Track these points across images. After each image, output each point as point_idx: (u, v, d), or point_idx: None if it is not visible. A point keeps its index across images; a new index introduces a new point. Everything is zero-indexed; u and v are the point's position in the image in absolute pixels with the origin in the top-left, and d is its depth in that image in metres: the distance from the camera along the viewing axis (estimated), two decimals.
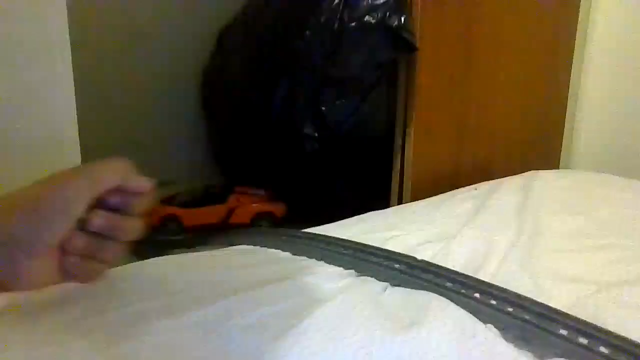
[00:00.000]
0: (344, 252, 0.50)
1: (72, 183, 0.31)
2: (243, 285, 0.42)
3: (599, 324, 0.39)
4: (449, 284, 0.42)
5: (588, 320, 0.39)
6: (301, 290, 0.42)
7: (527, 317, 0.37)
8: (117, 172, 0.32)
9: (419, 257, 0.50)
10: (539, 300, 0.43)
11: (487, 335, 0.35)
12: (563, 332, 0.36)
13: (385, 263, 0.47)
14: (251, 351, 0.33)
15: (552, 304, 0.43)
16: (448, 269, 0.46)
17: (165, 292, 0.41)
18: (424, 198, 0.77)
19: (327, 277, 0.45)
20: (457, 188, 0.79)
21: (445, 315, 0.38)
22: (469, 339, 0.35)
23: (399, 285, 0.44)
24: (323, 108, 0.87)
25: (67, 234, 0.31)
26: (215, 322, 0.36)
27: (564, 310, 0.41)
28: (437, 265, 0.46)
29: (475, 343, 0.34)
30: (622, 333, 0.37)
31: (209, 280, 0.44)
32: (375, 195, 0.93)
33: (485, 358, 0.32)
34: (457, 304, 0.40)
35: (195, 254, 0.53)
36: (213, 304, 0.38)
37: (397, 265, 0.46)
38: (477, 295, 0.40)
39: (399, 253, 0.49)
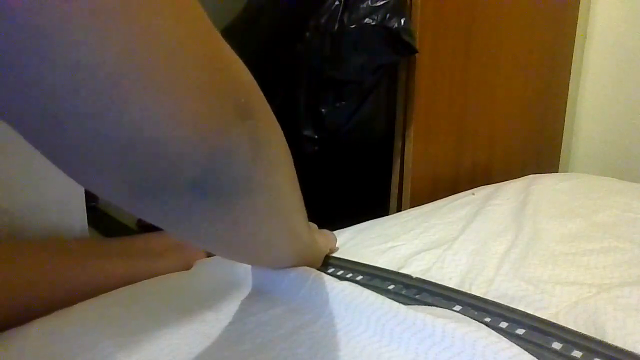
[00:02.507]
0: (337, 274, 0.49)
1: None
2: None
3: (599, 325, 0.38)
4: (443, 302, 0.43)
5: (588, 322, 0.39)
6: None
7: (520, 332, 0.37)
8: None
9: (416, 268, 0.50)
10: (540, 303, 0.43)
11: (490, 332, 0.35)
12: (557, 345, 0.36)
13: (379, 285, 0.46)
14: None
15: (552, 306, 0.43)
16: (443, 286, 0.45)
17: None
18: (423, 200, 0.77)
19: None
20: (457, 191, 0.79)
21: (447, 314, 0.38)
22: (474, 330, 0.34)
23: None
24: (323, 110, 0.87)
25: None
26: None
27: (565, 311, 0.41)
28: (432, 283, 0.46)
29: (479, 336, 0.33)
30: (622, 334, 0.37)
31: None
32: (375, 197, 0.93)
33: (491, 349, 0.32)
34: None
35: None
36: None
37: (391, 287, 0.46)
38: (473, 312, 0.41)
39: (393, 272, 0.49)
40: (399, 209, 0.90)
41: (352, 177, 0.94)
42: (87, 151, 0.20)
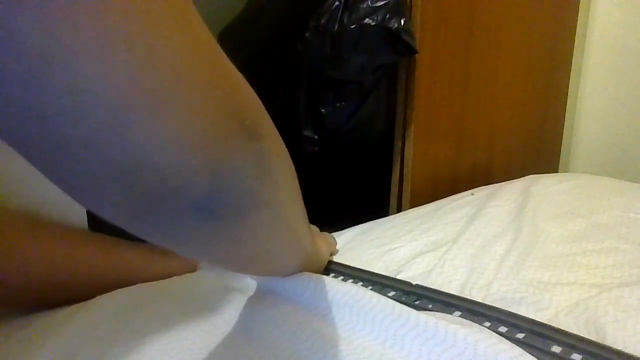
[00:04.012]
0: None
1: None
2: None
3: (599, 326, 0.38)
4: (443, 308, 0.43)
5: (589, 322, 0.39)
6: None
7: (520, 336, 0.37)
8: None
9: (415, 271, 0.50)
10: (540, 304, 0.43)
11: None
12: (556, 349, 0.36)
13: (379, 292, 0.46)
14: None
15: (552, 307, 0.43)
16: (443, 292, 0.45)
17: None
18: (423, 200, 0.77)
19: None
20: (457, 191, 0.78)
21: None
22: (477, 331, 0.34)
23: None
24: (322, 110, 0.87)
25: None
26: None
27: (565, 312, 0.41)
28: (432, 290, 0.46)
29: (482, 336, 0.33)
30: (622, 335, 0.37)
31: None
32: (375, 197, 0.93)
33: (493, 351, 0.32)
34: None
35: None
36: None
37: (391, 294, 0.46)
38: (473, 317, 0.41)
39: (393, 278, 0.49)
40: (399, 209, 0.90)
41: (352, 177, 0.94)
42: (89, 176, 0.20)
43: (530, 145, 1.16)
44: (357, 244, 0.59)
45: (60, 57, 0.17)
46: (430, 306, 0.43)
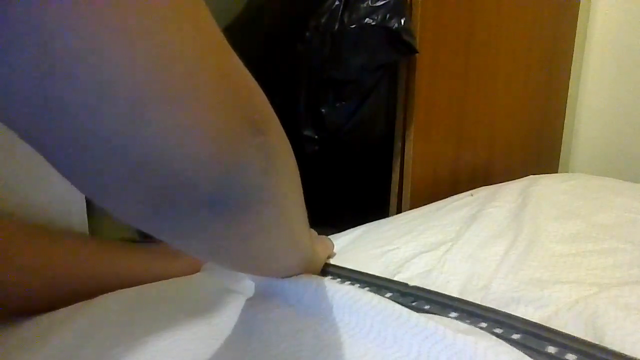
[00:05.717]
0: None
1: None
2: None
3: (599, 325, 0.38)
4: (440, 309, 0.43)
5: (588, 321, 0.39)
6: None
7: (515, 337, 0.38)
8: None
9: (413, 272, 0.50)
10: (539, 302, 0.43)
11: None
12: (551, 349, 0.36)
13: (376, 293, 0.46)
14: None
15: (552, 305, 0.43)
16: (439, 293, 0.45)
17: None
18: (423, 200, 0.77)
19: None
20: (457, 191, 0.79)
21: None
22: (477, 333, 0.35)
23: None
24: (323, 110, 0.87)
25: None
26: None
27: (564, 310, 0.41)
28: (428, 291, 0.46)
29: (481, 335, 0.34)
30: (621, 334, 0.37)
31: None
32: (375, 197, 0.93)
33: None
34: None
35: None
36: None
37: (387, 295, 0.46)
38: (470, 318, 0.41)
39: (390, 280, 0.49)
40: (399, 209, 0.90)
41: (352, 177, 0.94)
42: (105, 170, 0.20)
43: (530, 145, 1.16)
44: (356, 246, 0.59)
45: (85, 51, 0.17)
46: (427, 307, 0.43)
